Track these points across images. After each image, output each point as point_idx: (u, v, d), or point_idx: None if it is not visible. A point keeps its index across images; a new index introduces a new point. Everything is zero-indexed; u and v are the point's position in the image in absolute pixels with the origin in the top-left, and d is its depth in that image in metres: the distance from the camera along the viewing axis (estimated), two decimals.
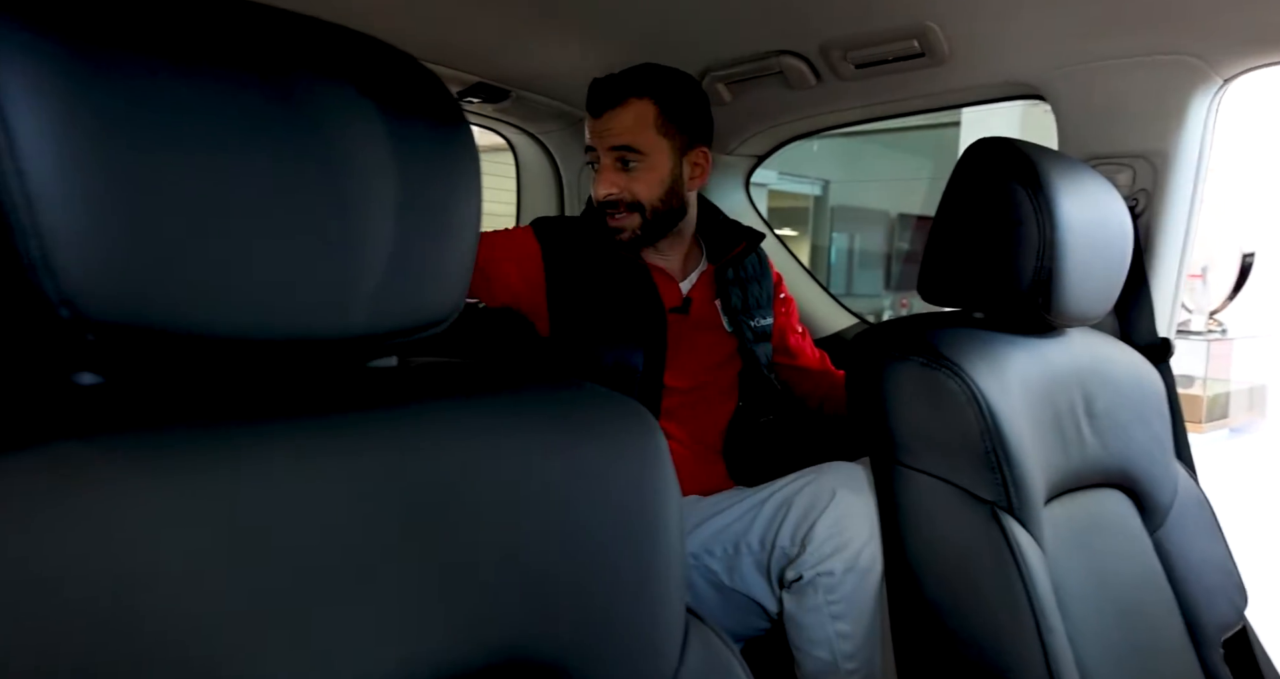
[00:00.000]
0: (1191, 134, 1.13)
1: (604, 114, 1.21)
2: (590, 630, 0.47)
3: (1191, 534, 1.02)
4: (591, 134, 1.23)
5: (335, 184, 0.39)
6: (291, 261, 0.38)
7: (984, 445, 0.81)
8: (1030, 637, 0.77)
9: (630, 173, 1.22)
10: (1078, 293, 0.88)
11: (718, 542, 1.04)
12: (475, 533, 0.43)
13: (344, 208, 0.39)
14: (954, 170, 0.92)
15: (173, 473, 0.35)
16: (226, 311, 0.37)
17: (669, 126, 1.22)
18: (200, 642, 0.35)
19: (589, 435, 0.49)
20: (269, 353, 0.40)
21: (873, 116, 1.54)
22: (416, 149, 0.42)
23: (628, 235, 1.24)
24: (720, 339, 1.30)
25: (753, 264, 1.38)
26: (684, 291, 1.30)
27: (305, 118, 0.38)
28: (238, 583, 0.36)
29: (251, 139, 0.37)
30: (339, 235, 0.39)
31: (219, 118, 0.36)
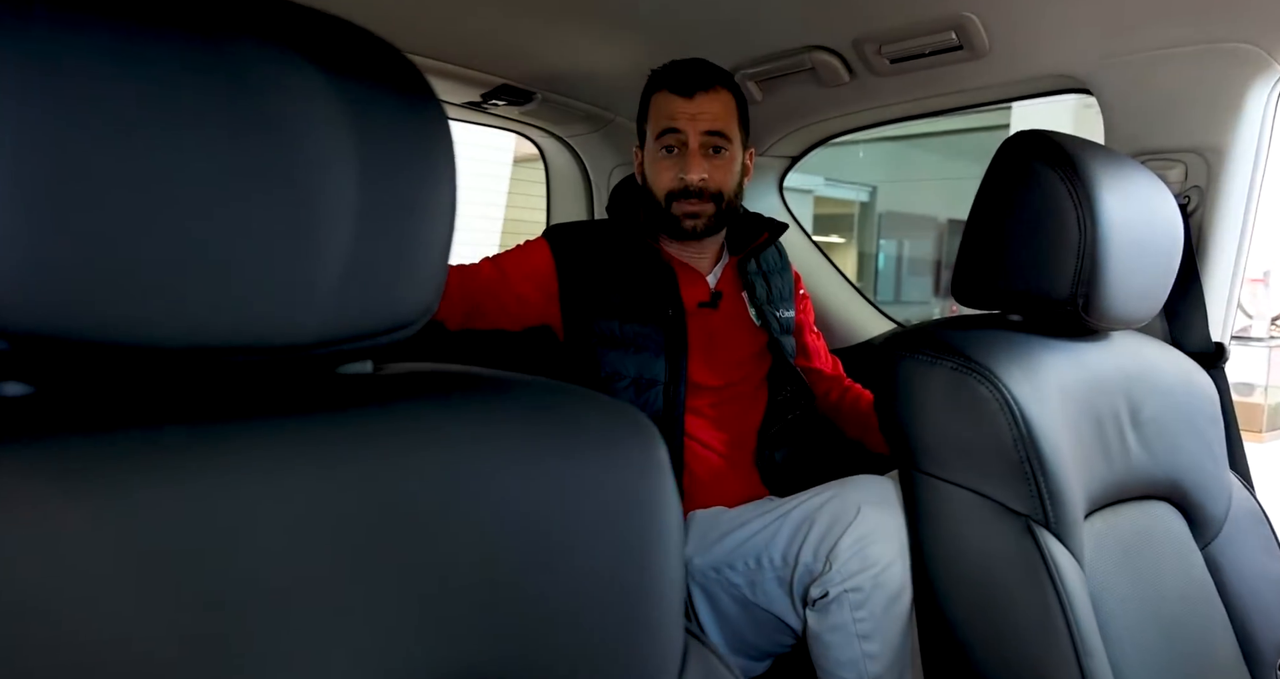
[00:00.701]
0: (1249, 127, 1.07)
1: (696, 96, 1.17)
2: (578, 652, 0.44)
3: (1246, 549, 0.95)
4: (678, 116, 1.17)
5: (286, 171, 0.35)
6: (238, 260, 0.35)
7: (1018, 455, 0.76)
8: (1068, 662, 0.72)
9: (716, 160, 1.19)
10: (1121, 294, 0.83)
11: (739, 556, 1.01)
12: (453, 550, 0.40)
13: (297, 199, 0.36)
14: (990, 164, 0.88)
15: (102, 487, 0.32)
16: (163, 318, 0.34)
17: (742, 121, 1.22)
18: (139, 664, 0.32)
19: (581, 445, 0.46)
20: (215, 360, 0.37)
21: (909, 114, 1.49)
22: (380, 133, 0.39)
23: (702, 223, 1.21)
24: (750, 334, 1.28)
25: (773, 257, 1.36)
26: (711, 285, 1.27)
27: (251, 95, 0.35)
28: (179, 603, 0.33)
29: (189, 121, 0.33)
30: (292, 230, 0.36)
31: (151, 95, 0.32)
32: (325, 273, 0.37)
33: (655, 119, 1.21)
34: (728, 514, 1.09)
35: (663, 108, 1.19)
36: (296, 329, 0.37)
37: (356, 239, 0.38)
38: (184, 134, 0.33)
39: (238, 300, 0.35)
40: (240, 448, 0.36)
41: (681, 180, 1.18)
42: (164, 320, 0.34)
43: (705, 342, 1.22)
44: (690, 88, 1.17)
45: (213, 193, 0.34)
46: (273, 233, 0.35)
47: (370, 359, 0.45)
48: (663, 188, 1.20)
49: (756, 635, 1.03)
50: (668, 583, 0.48)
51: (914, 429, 0.82)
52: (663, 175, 1.20)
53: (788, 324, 1.32)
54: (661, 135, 1.19)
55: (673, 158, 1.19)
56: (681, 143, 1.18)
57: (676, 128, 1.18)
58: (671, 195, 1.20)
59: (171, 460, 0.34)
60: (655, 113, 1.21)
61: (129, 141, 0.32)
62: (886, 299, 9.92)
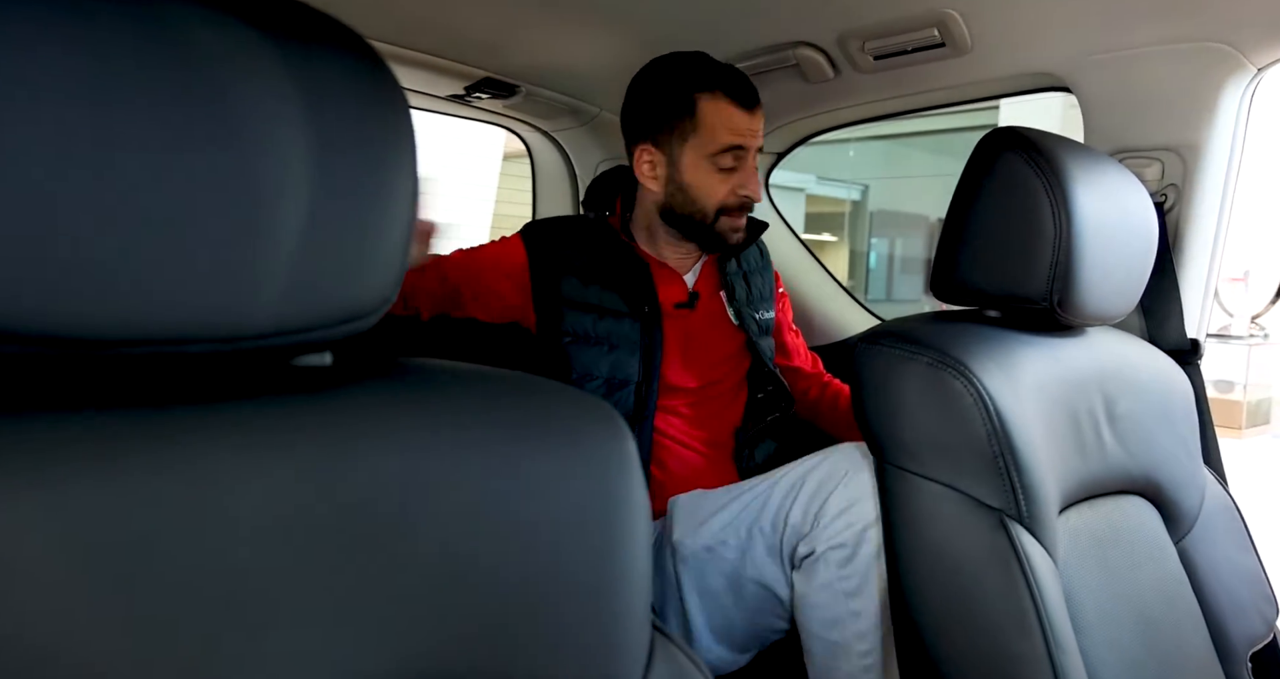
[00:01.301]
0: (1223, 126, 1.08)
1: (756, 111, 1.14)
2: (542, 649, 0.43)
3: (1219, 543, 0.96)
4: (744, 132, 1.13)
5: (232, 149, 0.34)
6: (182, 244, 0.33)
7: (992, 450, 0.77)
8: (1040, 655, 0.73)
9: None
10: (1096, 291, 0.84)
11: (731, 531, 1.01)
12: (414, 546, 0.39)
13: (244, 179, 0.34)
14: (968, 161, 0.88)
15: (31, 473, 0.31)
16: (101, 305, 0.31)
17: None
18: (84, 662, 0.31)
19: (547, 439, 0.45)
20: (159, 350, 0.34)
21: (894, 112, 1.50)
22: (335, 117, 0.37)
23: (742, 236, 1.21)
24: (728, 335, 1.27)
25: (754, 256, 1.34)
26: (690, 284, 1.26)
27: (195, 67, 0.32)
28: (116, 608, 0.32)
29: (127, 94, 0.31)
30: (239, 214, 0.34)
31: (86, 66, 0.30)
32: (276, 260, 0.36)
33: (715, 130, 1.12)
34: (713, 494, 1.08)
35: (725, 119, 1.12)
36: (247, 318, 0.36)
37: (309, 226, 0.36)
38: (122, 108, 0.31)
39: (182, 287, 0.33)
40: (188, 438, 0.35)
41: (741, 197, 1.16)
42: (102, 309, 0.32)
43: (682, 342, 1.22)
44: (752, 100, 1.13)
45: (153, 172, 0.32)
46: (218, 216, 0.33)
47: (329, 351, 0.44)
48: (717, 200, 1.16)
49: (744, 618, 1.03)
50: (634, 578, 0.47)
51: (889, 424, 0.82)
52: (719, 188, 1.15)
53: (767, 325, 1.31)
54: (726, 150, 1.13)
55: (728, 171, 1.15)
56: (741, 159, 1.14)
57: (742, 145, 1.13)
58: (724, 209, 1.16)
59: (112, 448, 0.33)
60: (715, 122, 1.12)
61: (61, 116, 0.30)
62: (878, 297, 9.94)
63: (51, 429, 0.33)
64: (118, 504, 0.33)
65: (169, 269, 0.33)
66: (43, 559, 0.31)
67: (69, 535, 0.31)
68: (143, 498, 0.33)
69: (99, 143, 0.31)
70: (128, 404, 0.35)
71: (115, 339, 0.33)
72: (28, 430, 0.32)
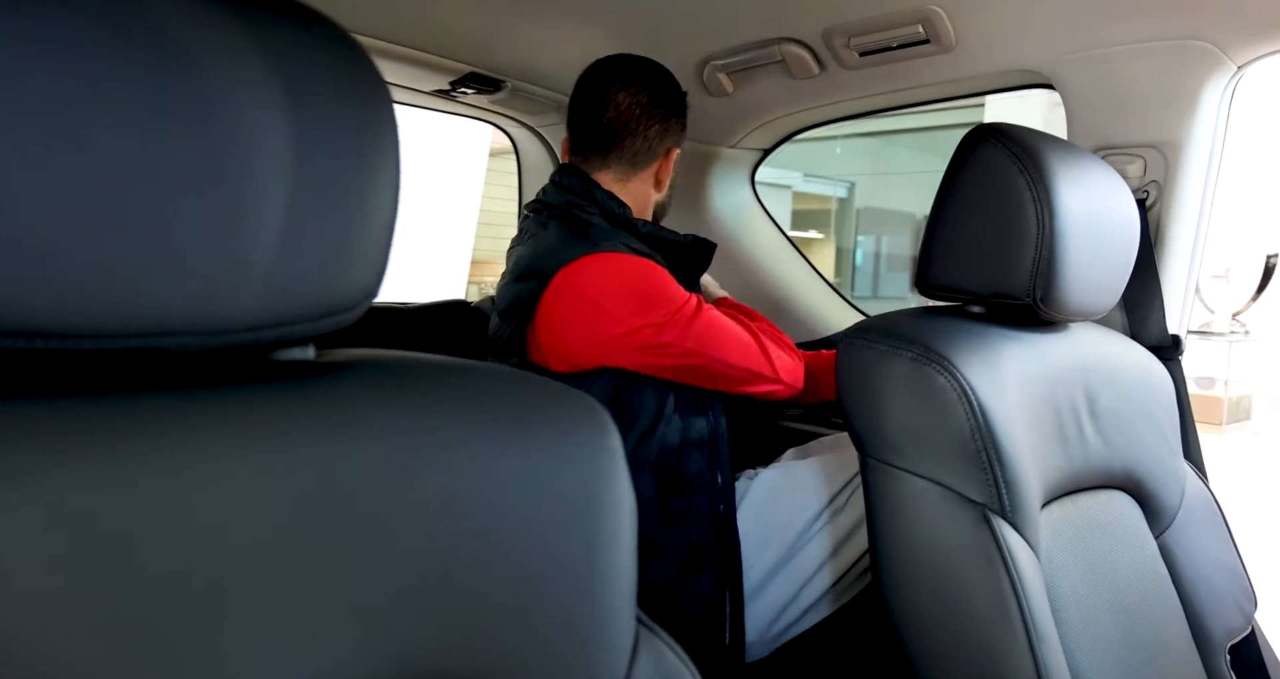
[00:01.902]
0: (1204, 123, 1.09)
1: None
2: (527, 643, 0.43)
3: (1199, 537, 0.97)
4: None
5: (210, 136, 0.33)
6: (159, 235, 0.32)
7: (975, 444, 0.77)
8: (1021, 647, 0.73)
9: None
10: (1078, 287, 0.84)
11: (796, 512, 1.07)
12: (396, 542, 0.39)
13: (223, 167, 0.33)
14: (952, 157, 0.89)
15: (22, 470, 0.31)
16: (77, 299, 0.31)
17: None
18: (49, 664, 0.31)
19: (531, 434, 0.44)
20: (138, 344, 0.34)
21: (879, 108, 1.50)
22: (315, 108, 0.36)
23: None
24: None
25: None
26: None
27: (169, 53, 0.32)
28: (97, 600, 0.32)
29: (100, 80, 0.30)
30: (219, 204, 0.33)
31: (54, 51, 0.29)
32: (257, 253, 0.35)
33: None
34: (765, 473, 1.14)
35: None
36: (228, 312, 0.35)
37: (290, 219, 0.36)
38: (99, 101, 0.30)
39: (162, 281, 0.33)
40: (170, 429, 0.35)
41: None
42: (79, 302, 0.31)
43: None
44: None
45: (131, 165, 0.31)
46: (197, 209, 0.33)
47: (312, 345, 0.43)
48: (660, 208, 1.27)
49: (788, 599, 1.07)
50: (619, 572, 0.47)
51: (873, 418, 0.82)
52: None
53: None
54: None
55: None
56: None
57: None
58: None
59: (93, 438, 0.33)
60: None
61: (36, 108, 0.29)
62: (864, 294, 9.98)
63: (30, 418, 0.32)
64: (99, 494, 0.32)
65: (148, 263, 0.32)
66: (23, 551, 0.31)
67: (50, 526, 0.31)
68: (124, 489, 0.33)
69: (76, 136, 0.30)
70: (107, 395, 0.35)
71: (93, 333, 0.32)
72: (6, 419, 0.32)
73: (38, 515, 0.31)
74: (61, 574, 0.31)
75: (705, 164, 1.71)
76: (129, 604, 0.33)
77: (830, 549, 1.11)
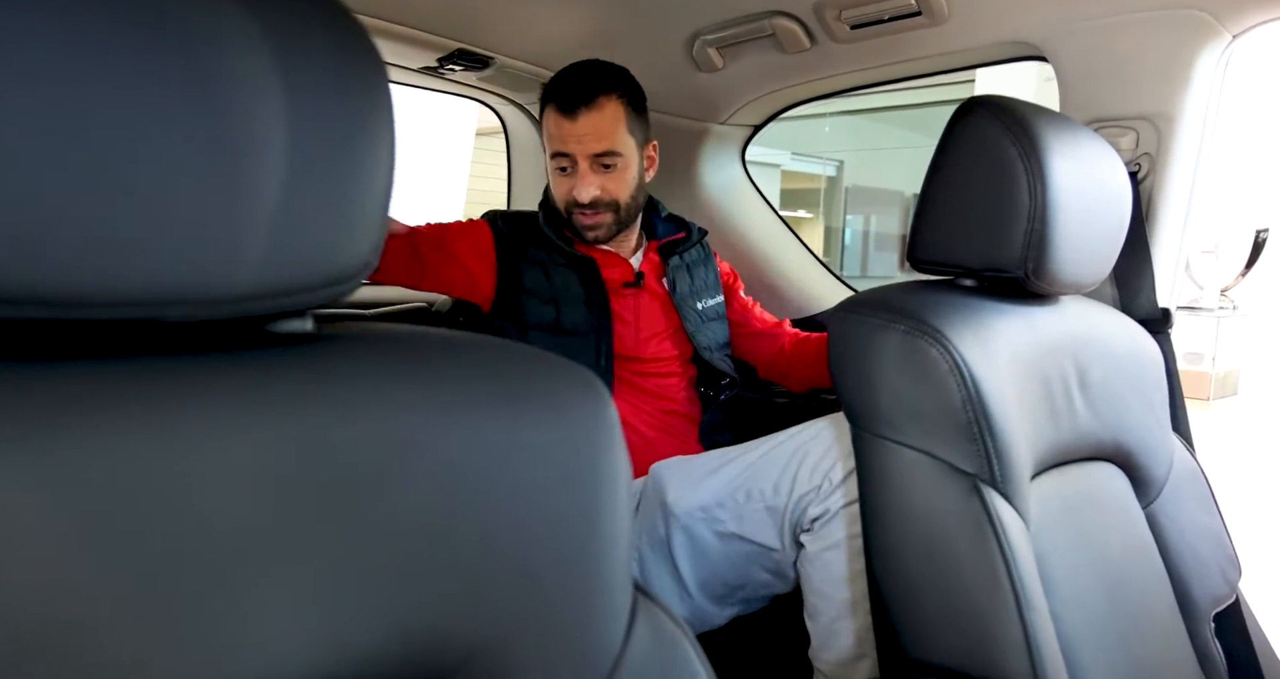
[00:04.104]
0: (1197, 94, 1.08)
1: (580, 115, 1.18)
2: (525, 610, 0.43)
3: (1185, 507, 0.98)
4: (566, 137, 1.20)
5: (205, 106, 0.33)
6: (156, 204, 0.33)
7: (966, 416, 0.77)
8: (1010, 614, 0.74)
9: (608, 174, 1.22)
10: (1069, 258, 0.84)
11: (727, 492, 1.03)
12: (395, 513, 0.39)
13: (217, 138, 0.34)
14: (944, 130, 0.88)
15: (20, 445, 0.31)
16: (76, 268, 0.31)
17: (635, 123, 1.23)
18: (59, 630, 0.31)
19: (528, 405, 0.45)
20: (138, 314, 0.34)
21: (870, 82, 1.49)
22: (308, 78, 0.37)
23: (603, 233, 1.26)
24: (671, 313, 1.33)
25: (695, 252, 1.41)
26: (636, 266, 1.33)
27: (163, 24, 0.32)
28: (106, 566, 0.32)
29: (95, 53, 0.31)
30: (215, 173, 0.34)
31: (52, 24, 0.30)
32: (254, 224, 0.35)
33: (547, 137, 1.24)
34: (701, 457, 1.11)
35: (551, 128, 1.22)
36: (226, 282, 0.35)
37: (286, 190, 0.36)
38: (96, 74, 0.31)
39: (159, 251, 0.33)
40: (172, 396, 0.35)
41: (573, 198, 1.22)
42: (78, 272, 0.32)
43: (634, 316, 1.29)
44: (573, 105, 1.18)
45: (127, 136, 0.32)
46: (194, 180, 0.33)
47: (310, 317, 0.43)
48: (561, 200, 1.25)
49: (735, 573, 1.06)
50: (616, 541, 0.47)
51: (865, 391, 0.83)
52: (559, 189, 1.25)
53: (711, 312, 1.38)
54: (554, 156, 1.23)
55: (567, 174, 1.23)
56: (573, 163, 1.21)
57: (565, 151, 1.21)
58: (569, 207, 1.25)
59: (94, 404, 0.33)
60: (546, 130, 1.24)
61: (35, 82, 0.30)
62: (853, 274, 9.99)
63: (35, 385, 0.32)
64: (106, 462, 0.33)
65: (145, 233, 0.33)
66: (32, 518, 0.31)
67: (58, 493, 0.31)
68: (130, 456, 0.33)
69: (72, 109, 0.31)
70: (109, 363, 0.35)
71: (92, 303, 0.33)
72: (11, 386, 0.32)
73: (46, 483, 0.31)
74: (69, 541, 0.31)
75: (695, 141, 1.69)
76: (135, 571, 0.33)
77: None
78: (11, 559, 0.30)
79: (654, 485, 1.09)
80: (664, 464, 1.12)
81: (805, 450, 0.98)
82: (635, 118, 1.23)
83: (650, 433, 1.26)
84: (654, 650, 0.49)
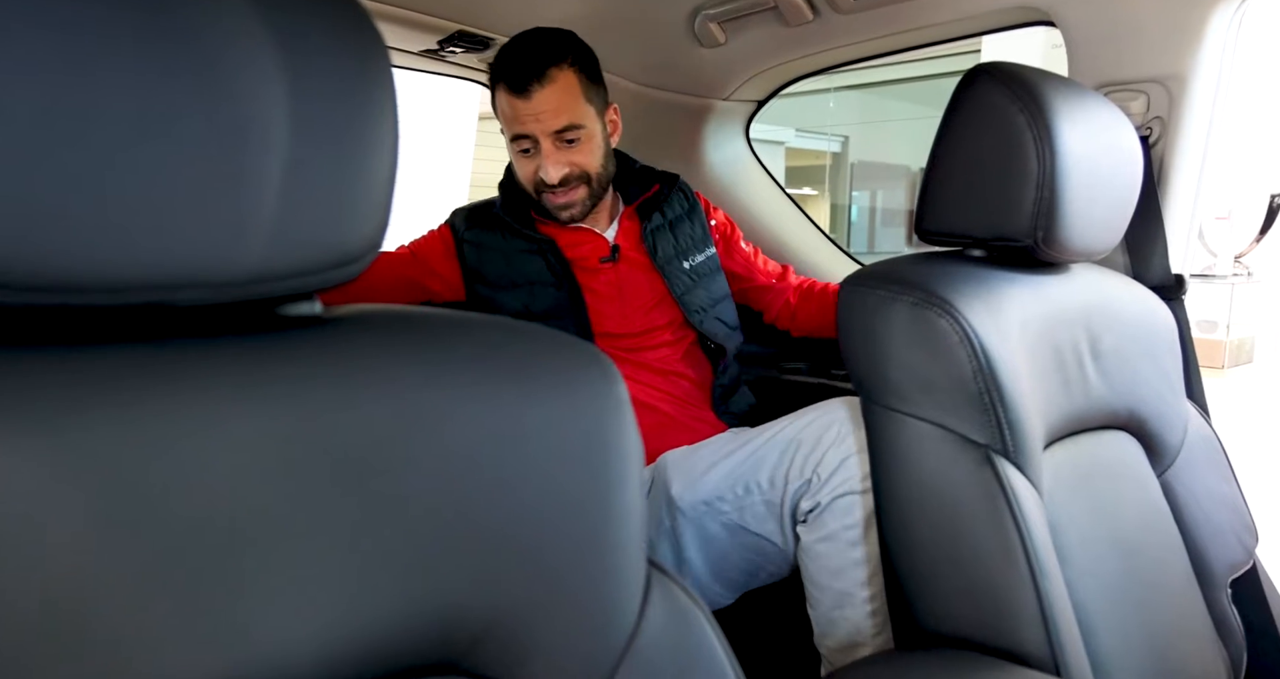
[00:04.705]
0: (1209, 55, 1.06)
1: (533, 93, 1.13)
2: (540, 586, 0.44)
3: (1200, 474, 0.98)
4: (521, 117, 1.14)
5: (208, 91, 0.34)
6: (161, 188, 0.33)
7: (977, 386, 0.77)
8: (1025, 584, 0.74)
9: (574, 149, 1.18)
10: (1080, 226, 0.83)
11: (727, 486, 1.04)
12: (407, 492, 0.40)
13: (221, 121, 0.34)
14: (951, 98, 0.87)
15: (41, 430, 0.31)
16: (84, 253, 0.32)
17: (592, 91, 1.18)
18: (77, 611, 0.32)
19: (538, 384, 0.45)
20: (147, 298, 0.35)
21: (874, 53, 1.47)
22: (310, 59, 0.37)
23: (578, 211, 1.22)
24: (658, 280, 1.28)
25: (678, 203, 1.34)
26: (610, 239, 1.28)
27: (166, 8, 0.33)
28: (122, 547, 0.32)
29: (101, 39, 0.31)
30: (219, 156, 0.34)
31: (56, 9, 0.30)
32: (259, 206, 0.36)
33: (502, 118, 1.19)
34: (705, 449, 1.11)
35: (505, 108, 1.17)
36: (234, 265, 0.36)
37: (290, 172, 0.36)
38: (100, 58, 0.31)
39: (165, 235, 0.34)
40: (183, 379, 0.35)
41: (539, 178, 1.18)
42: (87, 258, 0.32)
43: (616, 291, 1.25)
44: (524, 84, 1.13)
45: (131, 120, 0.32)
46: (198, 163, 0.34)
47: (318, 299, 0.44)
48: (528, 182, 1.21)
49: (742, 560, 1.06)
50: (628, 517, 0.48)
51: (875, 364, 0.82)
52: (524, 171, 1.20)
53: (704, 268, 1.32)
54: (514, 138, 1.18)
55: (530, 155, 1.19)
56: (534, 143, 1.17)
57: (525, 132, 1.16)
58: (539, 188, 1.20)
59: (114, 386, 0.33)
60: (500, 111, 1.19)
61: (40, 68, 0.30)
62: (860, 251, 9.93)
63: (50, 369, 0.33)
64: (120, 445, 0.33)
65: (150, 218, 0.33)
66: (51, 501, 0.31)
67: (75, 476, 0.32)
68: (144, 439, 0.34)
69: (76, 96, 0.31)
70: (121, 348, 0.35)
71: (101, 288, 0.33)
72: (26, 370, 0.33)
73: (64, 466, 0.32)
74: (84, 523, 0.32)
75: (699, 118, 1.68)
76: (150, 551, 0.33)
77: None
78: (26, 540, 0.31)
79: (660, 478, 1.10)
80: (670, 456, 1.12)
81: (798, 442, 0.98)
82: (591, 85, 1.18)
83: (663, 406, 1.23)
84: (669, 625, 0.49)
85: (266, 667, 0.36)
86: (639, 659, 0.47)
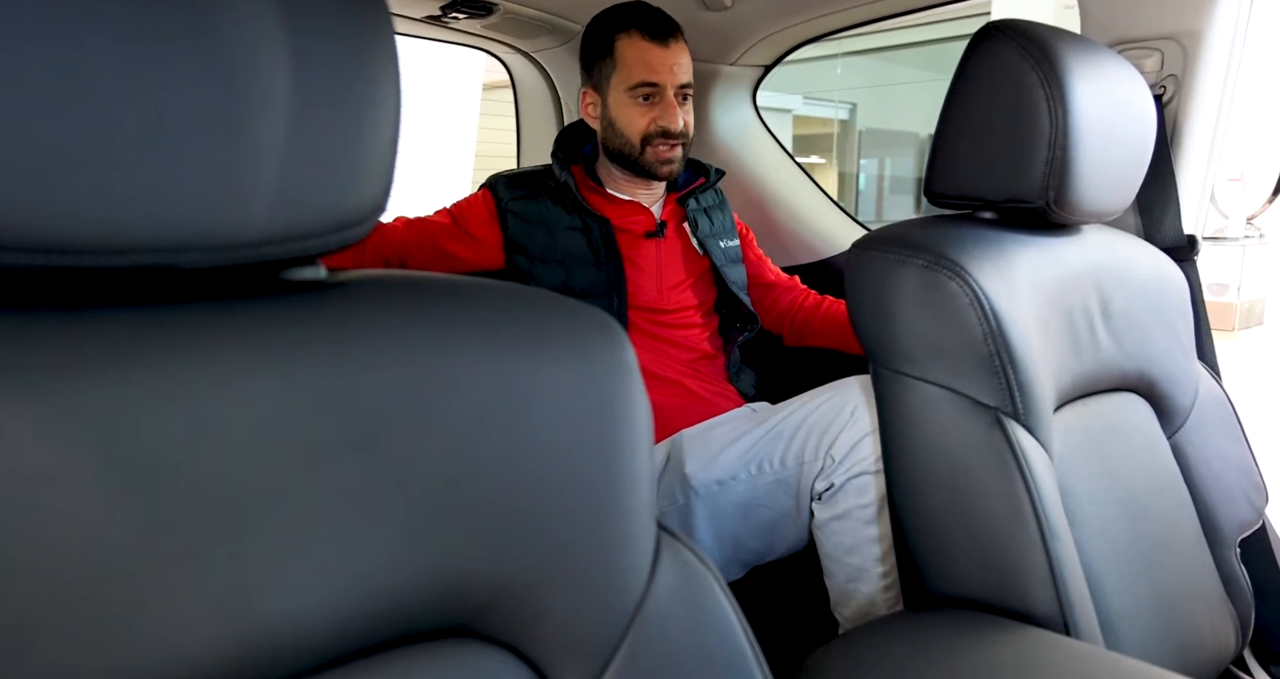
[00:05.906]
0: (1225, 11, 1.04)
1: (671, 44, 1.19)
2: (550, 550, 0.44)
3: (1211, 435, 0.98)
4: (656, 66, 1.19)
5: (208, 53, 0.33)
6: (163, 150, 0.33)
7: (987, 349, 0.77)
8: (1035, 545, 0.74)
9: (685, 107, 1.23)
10: (1092, 185, 0.82)
11: (741, 466, 1.06)
12: (417, 456, 0.40)
13: (221, 83, 0.34)
14: (962, 57, 0.85)
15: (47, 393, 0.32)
16: (86, 215, 0.32)
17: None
18: (79, 573, 0.32)
19: (546, 349, 0.45)
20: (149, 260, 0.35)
21: (884, 14, 1.45)
22: (311, 19, 0.36)
23: (678, 168, 1.26)
24: (695, 260, 1.33)
25: (711, 196, 1.41)
26: (657, 216, 1.32)
27: None
28: (125, 509, 0.33)
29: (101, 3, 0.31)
30: (220, 118, 0.34)
31: None
32: (262, 169, 0.35)
33: (629, 66, 1.20)
34: (721, 428, 1.13)
35: (639, 56, 1.19)
36: (238, 228, 0.36)
37: (293, 135, 0.36)
38: (102, 22, 0.31)
39: (170, 198, 0.33)
40: (187, 343, 0.35)
41: (660, 127, 1.20)
42: (92, 220, 0.32)
43: (655, 266, 1.28)
44: (665, 33, 1.18)
45: (134, 84, 0.32)
46: (201, 127, 0.33)
47: (322, 264, 0.44)
48: (639, 132, 1.22)
49: (754, 537, 1.08)
50: (637, 480, 0.48)
51: (885, 328, 0.82)
52: (640, 119, 1.21)
53: (733, 254, 1.38)
54: (638, 85, 1.20)
55: (648, 105, 1.21)
56: (660, 92, 1.20)
57: (656, 81, 1.19)
58: (648, 139, 1.22)
59: (119, 350, 0.33)
60: (629, 59, 1.20)
61: (43, 33, 0.30)
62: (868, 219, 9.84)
63: (50, 332, 0.33)
64: (125, 410, 0.33)
65: (152, 180, 0.33)
66: (57, 467, 0.31)
67: (73, 437, 0.32)
68: (146, 402, 0.34)
69: (77, 59, 0.31)
70: (125, 311, 0.35)
71: (104, 250, 0.33)
72: (30, 334, 0.33)
73: (66, 427, 0.32)
74: (89, 485, 0.32)
75: (705, 83, 1.66)
76: (159, 514, 0.33)
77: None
78: (34, 504, 0.31)
79: (675, 455, 1.11)
80: (686, 434, 1.14)
81: (812, 423, 1.01)
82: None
83: (688, 381, 1.25)
84: (679, 587, 0.49)
85: (274, 630, 0.36)
86: (650, 621, 0.47)
